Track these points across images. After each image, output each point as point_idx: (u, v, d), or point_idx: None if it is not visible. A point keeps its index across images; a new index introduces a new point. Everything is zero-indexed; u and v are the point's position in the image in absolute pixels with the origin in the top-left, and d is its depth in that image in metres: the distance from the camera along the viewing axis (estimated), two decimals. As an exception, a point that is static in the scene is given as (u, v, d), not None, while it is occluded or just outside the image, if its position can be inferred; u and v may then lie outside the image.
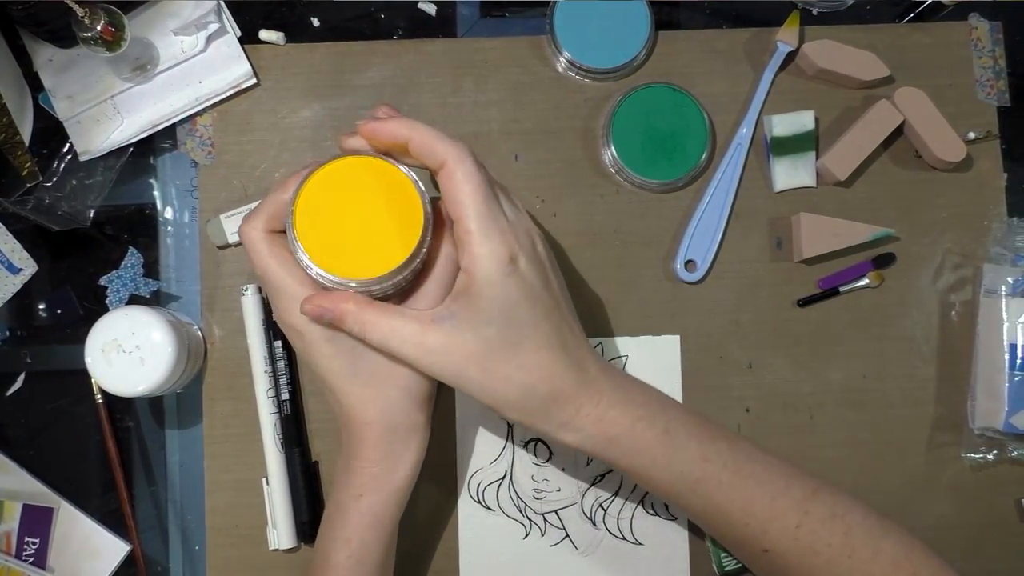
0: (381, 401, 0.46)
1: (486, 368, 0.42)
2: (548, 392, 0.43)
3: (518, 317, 0.42)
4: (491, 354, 0.42)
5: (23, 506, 0.56)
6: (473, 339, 0.42)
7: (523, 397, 0.43)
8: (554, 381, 0.43)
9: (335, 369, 0.45)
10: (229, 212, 0.57)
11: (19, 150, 0.57)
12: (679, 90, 0.59)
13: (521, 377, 0.43)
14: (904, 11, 0.62)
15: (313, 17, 0.60)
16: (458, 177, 0.41)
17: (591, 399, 0.44)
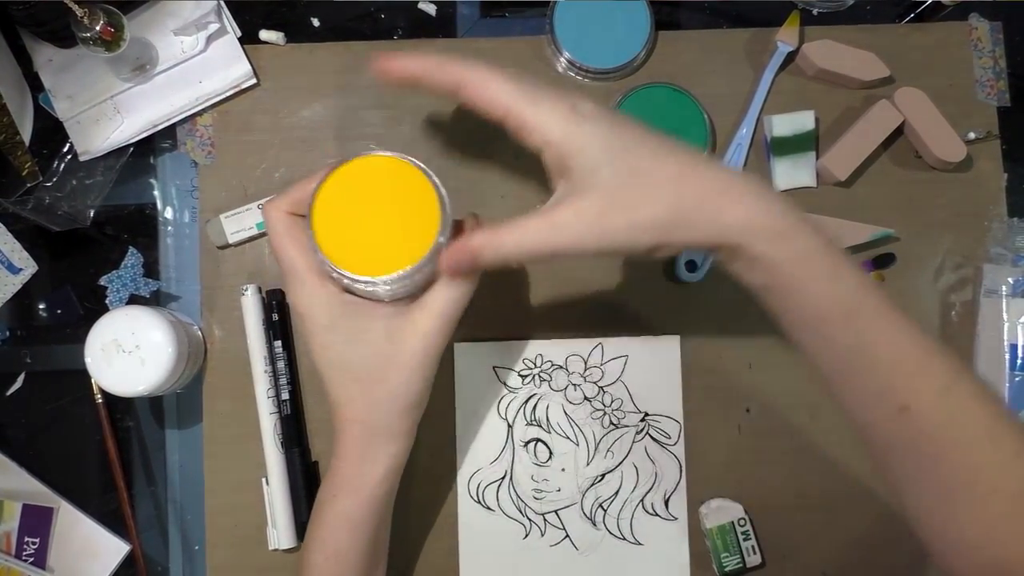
0: (366, 400, 0.46)
1: (626, 206, 0.39)
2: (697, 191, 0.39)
3: (620, 145, 0.39)
4: (622, 191, 0.39)
5: (23, 506, 0.56)
6: (596, 191, 0.39)
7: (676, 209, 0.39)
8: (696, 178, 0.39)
9: (329, 359, 0.45)
10: (229, 212, 0.57)
11: (19, 150, 0.57)
12: (679, 90, 0.59)
13: (662, 192, 0.39)
14: (904, 11, 0.62)
15: (313, 17, 0.60)
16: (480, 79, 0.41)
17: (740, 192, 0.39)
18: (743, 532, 0.57)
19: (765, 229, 0.39)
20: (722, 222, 0.39)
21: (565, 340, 0.58)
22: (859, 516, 0.58)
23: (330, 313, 0.44)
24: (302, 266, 0.44)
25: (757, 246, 0.39)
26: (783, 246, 0.39)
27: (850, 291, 0.39)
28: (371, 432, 0.46)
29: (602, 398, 0.58)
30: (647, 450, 0.58)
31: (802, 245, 0.39)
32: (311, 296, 0.44)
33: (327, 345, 0.45)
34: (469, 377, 0.58)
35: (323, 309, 0.44)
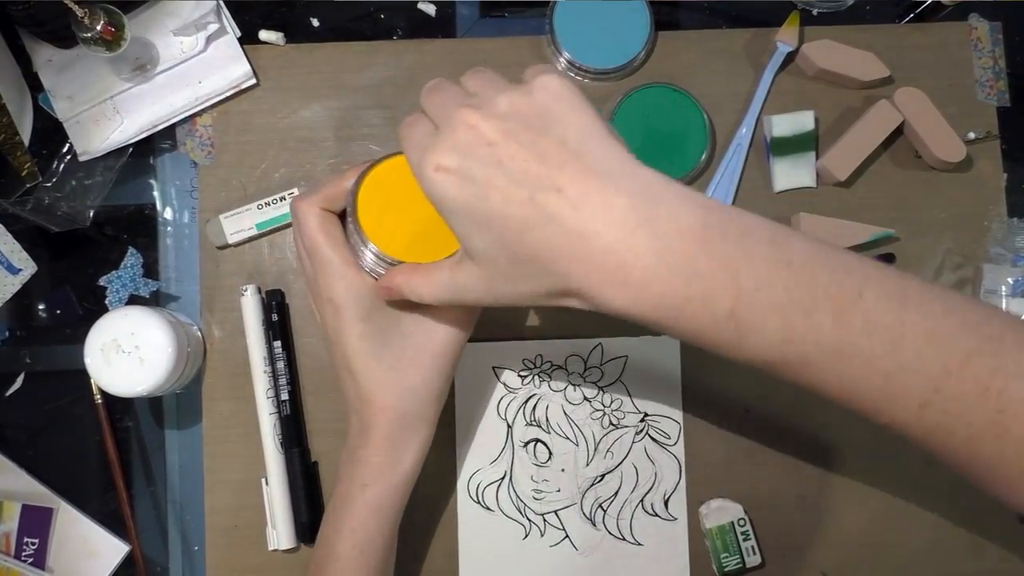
0: (399, 387, 0.47)
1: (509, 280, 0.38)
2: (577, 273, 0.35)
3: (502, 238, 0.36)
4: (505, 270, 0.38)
5: (22, 506, 0.56)
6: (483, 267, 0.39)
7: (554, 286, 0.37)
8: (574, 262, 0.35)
9: (363, 349, 0.46)
10: (229, 212, 0.57)
11: (19, 150, 0.57)
12: (679, 90, 0.59)
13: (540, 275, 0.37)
14: (904, 11, 0.62)
15: (313, 17, 0.60)
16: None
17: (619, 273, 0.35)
18: (743, 532, 0.57)
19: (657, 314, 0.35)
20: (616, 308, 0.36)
21: (565, 340, 0.58)
22: (859, 516, 0.58)
23: (366, 304, 0.46)
24: (339, 259, 0.45)
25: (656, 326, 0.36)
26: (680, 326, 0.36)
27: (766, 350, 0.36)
28: (402, 419, 0.47)
29: (602, 398, 0.58)
30: (647, 450, 0.58)
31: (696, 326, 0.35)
32: (348, 288, 0.45)
33: (363, 335, 0.46)
34: (469, 377, 0.58)
35: (360, 300, 0.45)
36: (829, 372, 0.36)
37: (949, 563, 0.58)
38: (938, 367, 0.35)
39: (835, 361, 0.36)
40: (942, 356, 0.35)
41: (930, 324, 0.35)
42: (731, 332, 0.35)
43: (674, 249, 0.34)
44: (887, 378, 0.36)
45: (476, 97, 0.38)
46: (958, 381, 0.35)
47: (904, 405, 0.36)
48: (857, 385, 0.36)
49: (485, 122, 0.36)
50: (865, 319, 0.35)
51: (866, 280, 0.36)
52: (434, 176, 0.37)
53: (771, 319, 0.35)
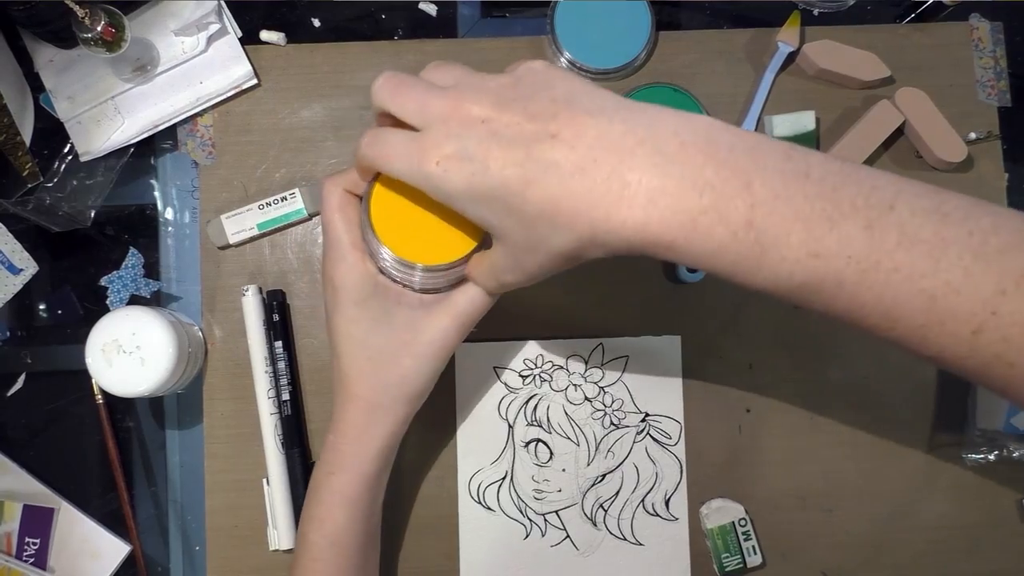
0: (375, 380, 0.47)
1: (533, 250, 0.38)
2: (589, 221, 0.34)
3: (488, 187, 0.36)
4: (526, 242, 0.37)
5: (23, 507, 0.56)
6: (506, 244, 0.39)
7: (577, 241, 0.36)
8: (588, 208, 0.34)
9: (349, 333, 0.47)
10: (230, 212, 0.57)
11: (20, 151, 0.57)
12: (680, 90, 0.59)
13: (558, 233, 0.35)
14: (905, 11, 0.62)
15: (314, 17, 0.60)
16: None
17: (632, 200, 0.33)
18: (743, 532, 0.57)
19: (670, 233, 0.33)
20: (630, 236, 0.34)
21: (565, 340, 0.58)
22: (859, 516, 0.58)
23: (362, 290, 0.46)
24: (347, 241, 0.46)
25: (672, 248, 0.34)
26: (696, 245, 0.34)
27: (791, 267, 0.33)
28: (372, 409, 0.48)
29: (603, 398, 0.58)
30: (648, 450, 0.58)
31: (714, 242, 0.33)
32: (349, 270, 0.46)
33: (352, 319, 0.46)
34: (469, 377, 0.58)
35: (357, 285, 0.46)
36: (866, 292, 0.33)
37: (949, 563, 0.58)
38: (991, 286, 0.31)
39: (872, 279, 0.32)
40: (994, 274, 0.31)
41: (977, 240, 0.32)
42: (751, 246, 0.33)
43: (678, 161, 0.33)
44: (932, 300, 0.32)
45: (457, 87, 0.38)
46: (1016, 302, 0.31)
47: (954, 331, 0.32)
48: (899, 309, 0.33)
49: (475, 104, 0.36)
50: (900, 233, 0.32)
51: (898, 193, 0.33)
52: (437, 171, 0.37)
53: (794, 228, 0.32)
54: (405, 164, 0.38)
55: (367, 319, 0.46)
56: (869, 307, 0.33)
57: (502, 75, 0.38)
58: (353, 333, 0.47)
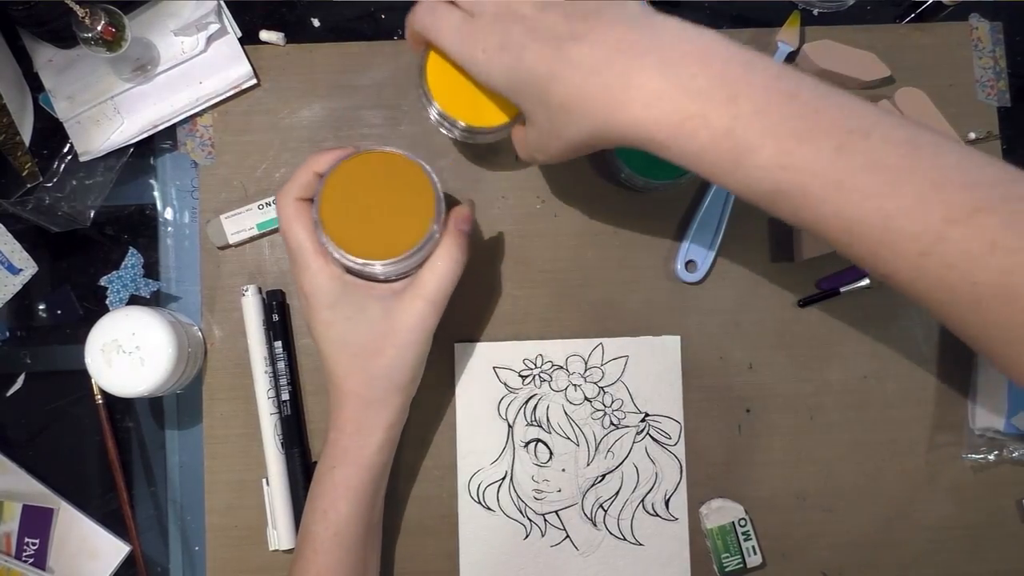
0: (364, 374, 0.49)
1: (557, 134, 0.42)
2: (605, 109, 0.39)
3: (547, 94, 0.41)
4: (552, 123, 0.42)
5: (23, 507, 0.56)
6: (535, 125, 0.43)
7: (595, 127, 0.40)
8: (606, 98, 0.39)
9: (330, 336, 0.49)
10: (230, 212, 0.57)
11: (19, 150, 0.57)
12: (679, 90, 0.59)
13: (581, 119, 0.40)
14: (905, 11, 0.62)
15: (313, 17, 0.60)
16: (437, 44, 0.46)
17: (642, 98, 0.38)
18: (743, 532, 0.57)
19: (662, 133, 0.38)
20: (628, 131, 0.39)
21: (565, 340, 0.58)
22: (859, 516, 0.58)
23: (332, 293, 0.48)
24: (308, 248, 0.47)
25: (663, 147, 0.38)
26: (682, 145, 0.38)
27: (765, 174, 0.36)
28: (367, 404, 0.49)
29: (602, 398, 0.58)
30: (647, 450, 0.58)
31: (696, 144, 0.37)
32: (315, 276, 0.47)
33: (328, 323, 0.48)
34: (469, 377, 0.58)
35: (326, 289, 0.47)
36: (827, 206, 0.36)
37: (949, 563, 0.58)
38: (941, 213, 0.34)
39: (834, 194, 0.35)
40: (947, 203, 0.34)
41: (938, 173, 0.34)
42: (728, 151, 0.36)
43: (678, 71, 0.37)
44: (886, 219, 0.35)
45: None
46: (963, 232, 0.34)
47: (903, 252, 0.35)
48: (856, 225, 0.35)
49: (521, 2, 0.41)
50: (867, 157, 0.35)
51: (876, 124, 0.36)
52: (483, 58, 0.42)
53: (768, 141, 0.36)
54: (456, 43, 0.43)
55: (342, 319, 0.48)
56: (830, 220, 0.36)
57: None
58: (332, 335, 0.48)
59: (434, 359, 0.58)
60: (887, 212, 0.35)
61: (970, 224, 0.33)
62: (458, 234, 0.48)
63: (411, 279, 0.49)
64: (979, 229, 0.33)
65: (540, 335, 0.58)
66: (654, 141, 0.38)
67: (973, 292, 0.34)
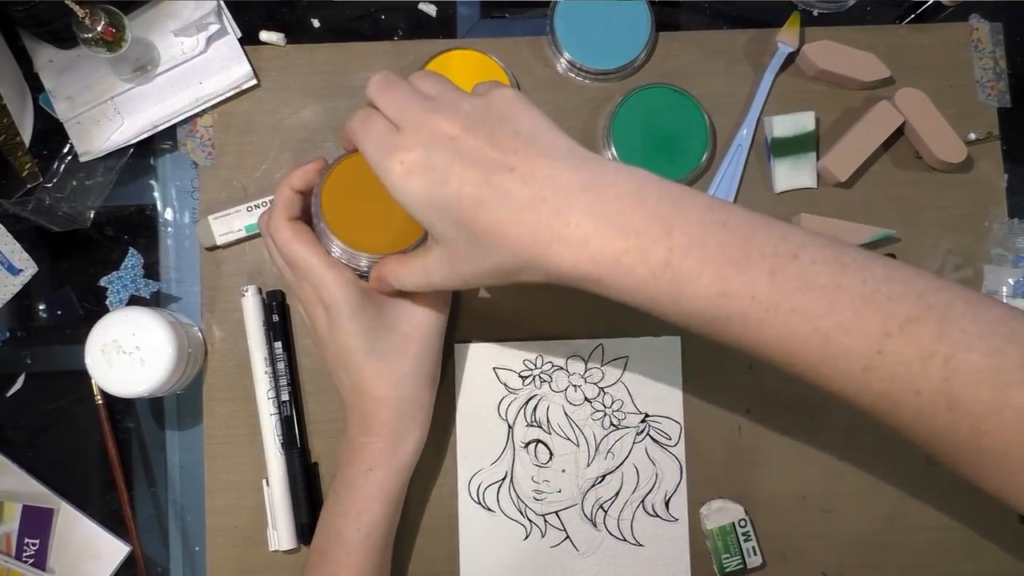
0: (393, 376, 0.50)
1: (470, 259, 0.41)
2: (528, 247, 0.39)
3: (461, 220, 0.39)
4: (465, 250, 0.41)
5: (23, 507, 0.56)
6: (446, 248, 0.42)
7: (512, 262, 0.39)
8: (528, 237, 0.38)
9: (354, 345, 0.49)
10: (219, 213, 0.57)
11: (19, 151, 0.57)
12: (680, 91, 0.59)
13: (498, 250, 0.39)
14: (905, 12, 0.62)
15: (313, 18, 0.60)
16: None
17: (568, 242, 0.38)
18: (743, 533, 0.57)
19: (598, 269, 0.38)
20: (563, 269, 0.38)
21: (565, 341, 0.58)
22: (859, 516, 0.58)
23: (351, 301, 0.48)
24: (319, 263, 0.47)
25: (599, 283, 0.39)
26: (620, 280, 0.38)
27: (703, 304, 0.38)
28: (401, 406, 0.50)
29: (602, 399, 0.58)
30: (647, 451, 0.58)
31: (635, 279, 0.38)
32: (331, 288, 0.47)
33: (352, 332, 0.48)
34: (469, 378, 0.58)
35: (347, 298, 0.48)
36: (768, 329, 0.37)
37: (949, 563, 0.58)
38: (877, 328, 0.35)
39: (773, 318, 0.37)
40: (881, 317, 0.35)
41: (869, 288, 0.36)
42: (668, 283, 0.37)
43: (612, 209, 0.38)
44: (826, 338, 0.36)
45: (436, 100, 0.41)
46: (901, 344, 0.35)
47: (847, 368, 0.36)
48: (797, 345, 0.37)
49: (447, 121, 0.40)
50: (800, 278, 0.36)
51: (804, 246, 0.37)
52: (399, 170, 0.40)
53: (706, 271, 0.37)
54: (374, 152, 0.41)
55: (365, 329, 0.49)
56: (772, 343, 0.37)
57: (476, 97, 0.41)
58: (358, 344, 0.49)
59: (434, 359, 0.58)
60: (826, 331, 0.36)
61: (904, 336, 0.35)
62: None
63: None
64: (914, 340, 0.35)
65: (540, 336, 0.58)
66: (590, 278, 0.38)
67: (917, 402, 0.35)
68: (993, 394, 0.34)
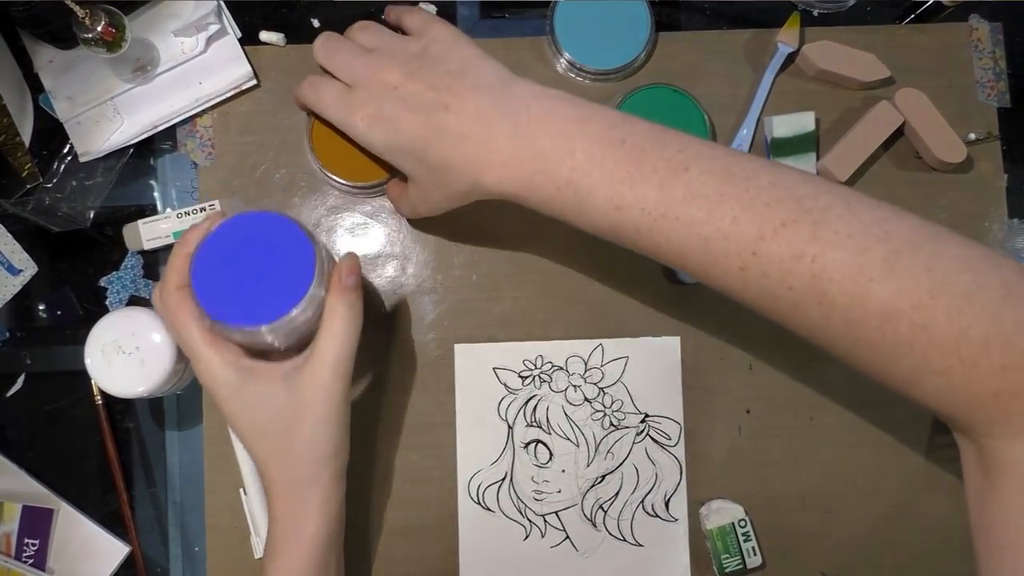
0: (283, 457, 0.46)
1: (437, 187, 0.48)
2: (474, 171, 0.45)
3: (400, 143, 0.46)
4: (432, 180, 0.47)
5: (23, 507, 0.56)
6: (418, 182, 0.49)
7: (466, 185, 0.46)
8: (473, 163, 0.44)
9: (241, 427, 0.46)
10: (148, 219, 0.57)
11: (19, 151, 0.57)
12: (679, 91, 0.59)
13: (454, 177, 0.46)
14: (904, 12, 0.62)
15: (313, 18, 0.60)
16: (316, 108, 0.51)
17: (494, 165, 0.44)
18: (743, 533, 0.57)
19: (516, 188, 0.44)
20: (493, 189, 0.44)
21: (565, 341, 0.58)
22: (859, 516, 0.58)
23: (229, 382, 0.45)
24: (197, 339, 0.45)
25: (521, 199, 0.44)
26: (533, 197, 0.44)
27: (601, 215, 0.42)
28: (295, 487, 0.46)
29: (602, 399, 0.58)
30: (647, 451, 0.58)
31: (544, 195, 0.43)
32: (209, 367, 0.45)
33: (234, 414, 0.46)
34: (469, 378, 0.58)
35: (223, 379, 0.45)
36: (657, 236, 0.41)
37: (949, 564, 0.58)
38: (753, 232, 0.39)
39: (660, 225, 0.41)
40: (757, 222, 0.39)
41: (750, 195, 0.40)
42: (571, 198, 0.43)
43: (524, 134, 0.43)
44: (707, 242, 0.40)
45: (376, 52, 0.48)
46: (773, 245, 0.39)
47: (727, 268, 0.40)
48: (684, 248, 0.41)
49: (388, 72, 0.46)
50: (686, 189, 0.40)
51: (697, 157, 0.41)
52: (362, 125, 0.47)
53: (601, 186, 0.42)
54: (336, 114, 0.48)
55: (247, 407, 0.46)
56: (663, 248, 0.42)
57: (412, 41, 0.48)
58: (243, 425, 0.46)
59: (434, 359, 0.58)
60: (705, 236, 0.40)
61: (777, 238, 0.39)
62: (344, 291, 0.45)
63: (308, 351, 0.46)
64: (786, 241, 0.39)
65: (540, 336, 0.58)
66: (512, 195, 0.44)
67: (790, 296, 0.39)
68: (857, 288, 0.37)
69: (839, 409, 0.59)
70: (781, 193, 0.39)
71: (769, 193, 0.40)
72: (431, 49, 0.47)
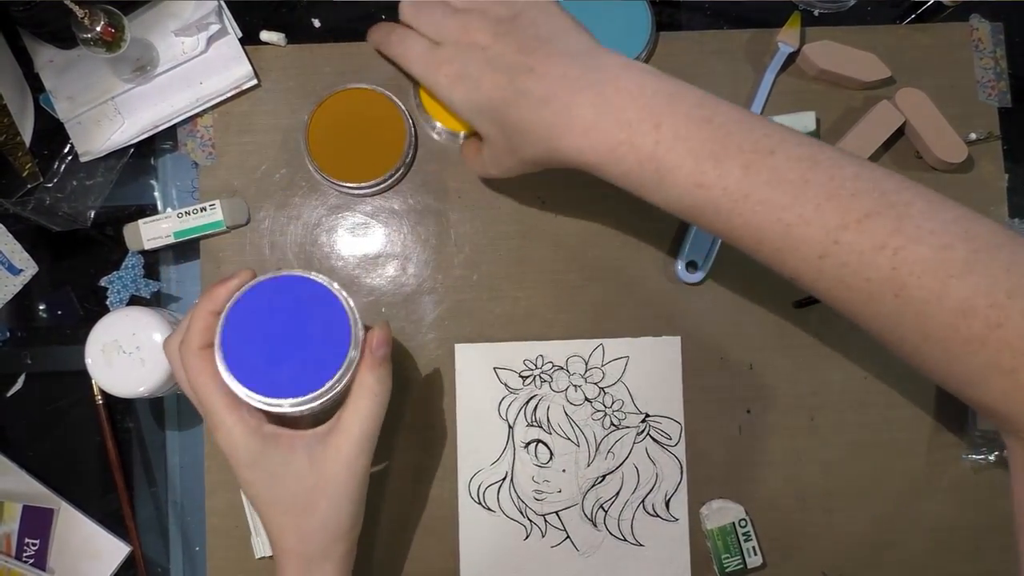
0: (298, 532, 0.45)
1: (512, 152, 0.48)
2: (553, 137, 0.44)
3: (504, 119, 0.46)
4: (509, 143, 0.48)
5: (23, 507, 0.56)
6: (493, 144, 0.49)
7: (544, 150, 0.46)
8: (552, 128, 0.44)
9: (256, 494, 0.45)
10: (148, 218, 0.56)
11: (20, 151, 0.57)
12: (680, 91, 0.59)
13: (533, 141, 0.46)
14: (905, 12, 0.62)
15: (314, 18, 0.60)
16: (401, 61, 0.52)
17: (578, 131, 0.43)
18: (744, 533, 0.57)
19: (596, 158, 0.43)
20: (571, 156, 0.44)
21: (565, 341, 0.58)
22: (859, 516, 0.58)
23: (250, 450, 0.43)
24: (221, 404, 0.43)
25: (599, 170, 0.44)
26: (613, 168, 0.43)
27: (681, 192, 0.42)
28: (307, 561, 0.45)
29: (603, 399, 0.58)
30: (648, 451, 0.58)
31: (625, 167, 0.43)
32: (230, 434, 0.43)
33: (251, 482, 0.44)
34: (469, 378, 0.58)
35: (244, 447, 0.43)
36: (737, 218, 0.41)
37: (949, 564, 0.58)
38: (836, 221, 0.39)
39: (741, 207, 0.41)
40: (840, 211, 0.39)
41: (835, 184, 0.39)
42: (652, 173, 0.42)
43: (611, 104, 0.42)
44: (788, 228, 0.40)
45: (467, 12, 0.47)
46: (855, 235, 0.39)
47: (804, 255, 0.40)
48: (763, 233, 0.41)
49: (479, 32, 0.46)
50: (771, 174, 0.40)
51: (782, 143, 0.41)
52: (445, 82, 0.47)
53: (686, 163, 0.41)
54: (420, 68, 0.49)
55: (266, 476, 0.44)
56: (740, 230, 0.41)
57: (504, 5, 0.47)
58: (258, 493, 0.45)
59: (434, 359, 0.58)
60: (787, 221, 0.40)
61: (860, 228, 0.38)
62: (375, 363, 0.44)
63: (334, 421, 0.45)
64: (869, 232, 0.38)
65: (540, 336, 0.58)
66: (590, 164, 0.44)
67: (867, 288, 0.39)
68: (936, 284, 0.37)
69: (839, 409, 0.59)
70: (865, 185, 0.39)
71: (853, 184, 0.39)
72: (523, 14, 0.46)
